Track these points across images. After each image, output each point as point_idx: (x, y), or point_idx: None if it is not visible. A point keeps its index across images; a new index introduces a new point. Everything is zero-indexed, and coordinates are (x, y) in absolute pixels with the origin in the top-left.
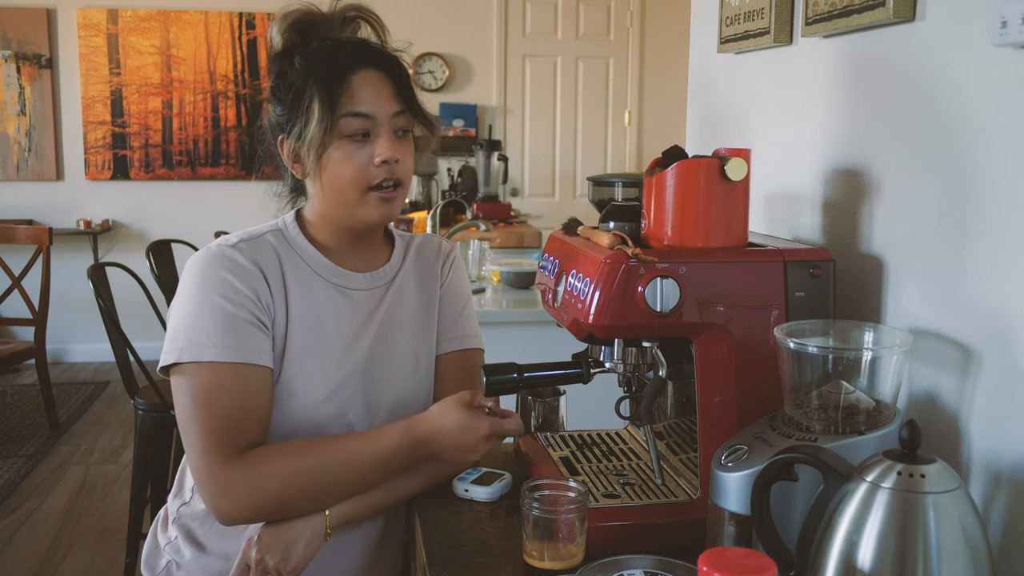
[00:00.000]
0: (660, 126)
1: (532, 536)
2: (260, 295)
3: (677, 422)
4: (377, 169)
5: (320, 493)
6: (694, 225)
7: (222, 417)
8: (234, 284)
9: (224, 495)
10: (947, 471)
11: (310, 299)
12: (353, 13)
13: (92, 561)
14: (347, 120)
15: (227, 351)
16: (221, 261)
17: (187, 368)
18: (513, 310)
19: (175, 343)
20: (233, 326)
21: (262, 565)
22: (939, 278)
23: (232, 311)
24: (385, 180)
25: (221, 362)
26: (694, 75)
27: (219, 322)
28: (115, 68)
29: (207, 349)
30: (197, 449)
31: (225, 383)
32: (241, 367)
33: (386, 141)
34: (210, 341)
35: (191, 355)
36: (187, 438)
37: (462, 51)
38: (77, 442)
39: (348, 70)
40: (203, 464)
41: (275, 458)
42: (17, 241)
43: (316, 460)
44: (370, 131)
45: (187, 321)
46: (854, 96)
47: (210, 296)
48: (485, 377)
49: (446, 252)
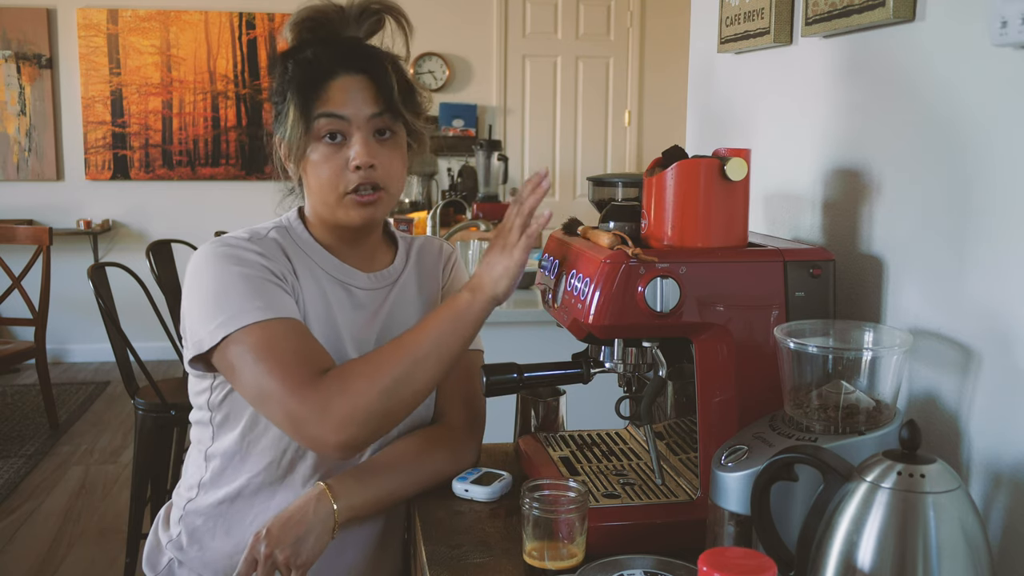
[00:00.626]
0: (660, 126)
1: (532, 536)
2: (275, 271)
3: (677, 422)
4: (352, 174)
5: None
6: (694, 225)
7: (291, 353)
8: (249, 258)
9: (323, 417)
10: (947, 471)
11: (318, 295)
12: (376, 7)
13: (92, 561)
14: (321, 121)
15: (268, 310)
16: (234, 246)
17: (235, 336)
18: (513, 310)
19: (212, 321)
20: (263, 288)
21: (271, 559)
22: (939, 278)
23: (256, 275)
24: (361, 184)
25: (266, 319)
26: (694, 75)
27: (250, 288)
28: (115, 68)
29: (248, 313)
30: (280, 392)
31: (278, 332)
32: (285, 320)
33: (361, 145)
34: (251, 305)
35: (236, 323)
36: (265, 397)
37: (462, 51)
38: (77, 442)
39: (327, 75)
40: (293, 400)
41: (352, 364)
42: (17, 241)
43: (394, 347)
44: (344, 133)
45: (217, 298)
46: (854, 96)
47: (230, 269)
48: (485, 377)
49: (447, 254)
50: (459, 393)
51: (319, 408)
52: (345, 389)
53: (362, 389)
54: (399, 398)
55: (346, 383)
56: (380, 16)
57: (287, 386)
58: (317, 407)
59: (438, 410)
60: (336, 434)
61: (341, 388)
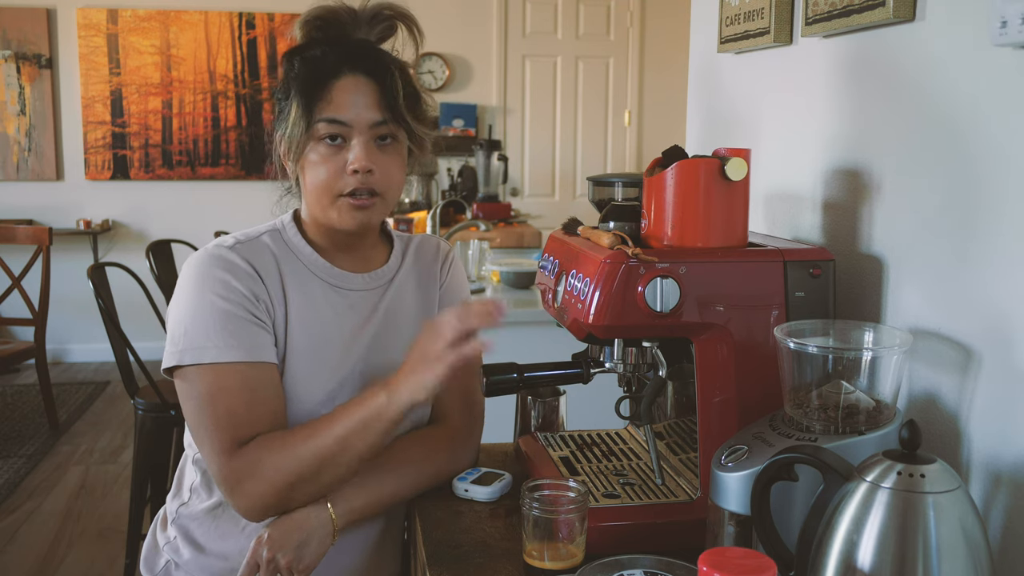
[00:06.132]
0: (660, 126)
1: (532, 536)
2: (258, 295)
3: (677, 422)
4: (349, 177)
5: (318, 469)
6: (694, 225)
7: (226, 416)
8: (231, 283)
9: (234, 490)
10: (947, 471)
11: (308, 300)
12: (388, 13)
13: (92, 561)
14: (322, 124)
15: (228, 350)
16: (217, 261)
17: (189, 371)
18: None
19: (175, 346)
20: (232, 325)
21: (273, 564)
22: (939, 278)
23: (230, 310)
24: (357, 189)
25: (223, 363)
26: (694, 75)
27: (218, 322)
28: (115, 68)
29: (208, 350)
30: (208, 451)
31: (228, 383)
32: (241, 366)
33: (361, 150)
34: (211, 342)
35: (192, 357)
36: (198, 441)
37: (462, 51)
38: (77, 442)
39: (331, 75)
40: (214, 463)
41: (270, 443)
42: (17, 241)
43: (306, 435)
44: (345, 136)
45: (186, 322)
46: (854, 96)
47: (207, 296)
48: (485, 377)
49: (445, 253)
50: (459, 393)
51: (233, 481)
52: (255, 472)
53: (270, 476)
54: (305, 490)
55: (258, 465)
56: (392, 22)
57: (213, 448)
58: (232, 479)
59: (437, 410)
60: (247, 510)
61: (252, 470)
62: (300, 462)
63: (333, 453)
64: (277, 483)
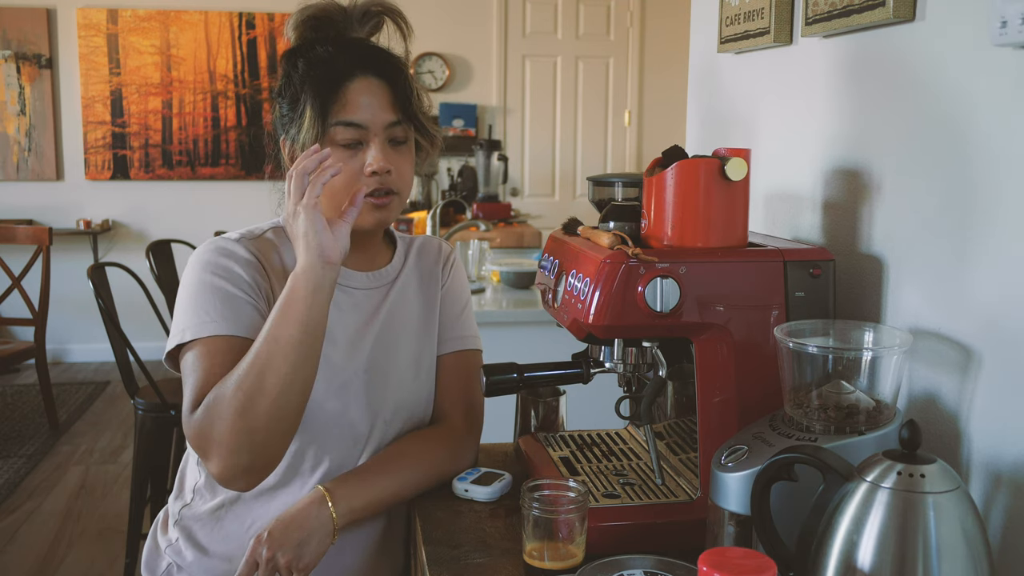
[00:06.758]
0: (660, 126)
1: (532, 536)
2: (260, 285)
3: (677, 422)
4: (368, 179)
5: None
6: (694, 225)
7: (204, 380)
8: (233, 269)
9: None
10: (947, 471)
11: None
12: (377, 9)
13: (92, 561)
14: (338, 129)
15: (225, 324)
16: (221, 251)
17: (192, 345)
18: (513, 310)
19: (179, 326)
20: (231, 302)
21: (272, 562)
22: (939, 278)
23: (230, 289)
24: (376, 189)
25: (221, 335)
26: (694, 75)
27: (218, 299)
28: (115, 68)
29: (207, 324)
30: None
31: (220, 350)
32: (235, 339)
33: (378, 151)
34: (209, 317)
35: (193, 333)
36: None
37: (462, 51)
38: (77, 442)
39: (345, 77)
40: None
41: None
42: (17, 241)
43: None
44: (362, 140)
45: (188, 304)
46: (854, 96)
47: (209, 278)
48: (485, 377)
49: (446, 254)
50: (459, 393)
51: (198, 445)
52: (210, 422)
53: (222, 413)
54: (256, 412)
55: (209, 413)
56: (380, 18)
57: (184, 412)
58: (196, 443)
59: (437, 410)
60: (219, 469)
61: (207, 421)
62: (240, 378)
63: (269, 352)
64: (230, 413)
